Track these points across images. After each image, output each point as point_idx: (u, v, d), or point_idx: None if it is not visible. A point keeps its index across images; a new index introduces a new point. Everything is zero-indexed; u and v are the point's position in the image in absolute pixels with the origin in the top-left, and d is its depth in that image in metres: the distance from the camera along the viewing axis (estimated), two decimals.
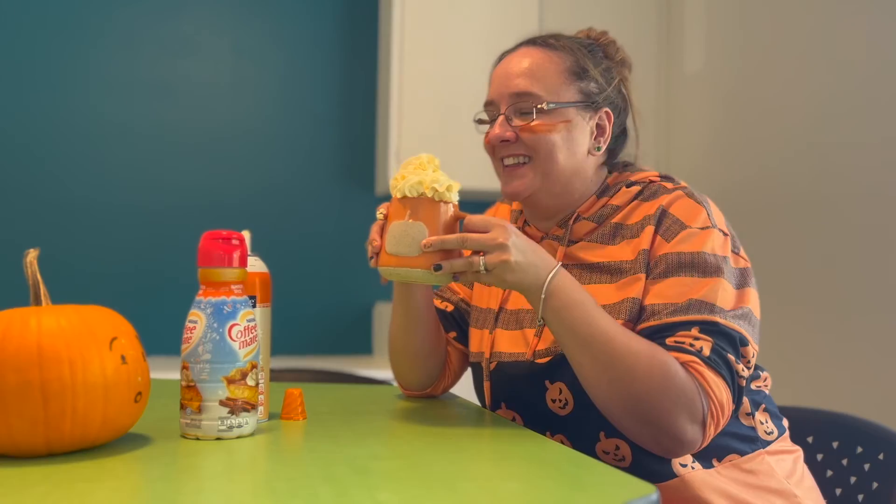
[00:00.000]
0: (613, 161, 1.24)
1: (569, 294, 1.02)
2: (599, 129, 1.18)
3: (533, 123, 1.13)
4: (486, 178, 3.00)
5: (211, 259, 0.93)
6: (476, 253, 0.99)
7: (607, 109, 1.18)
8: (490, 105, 1.19)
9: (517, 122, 1.14)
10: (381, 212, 1.06)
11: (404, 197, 1.02)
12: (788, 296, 2.38)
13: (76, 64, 2.95)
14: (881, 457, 1.21)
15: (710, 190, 2.67)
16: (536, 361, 1.13)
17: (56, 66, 2.94)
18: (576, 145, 1.15)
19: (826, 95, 2.31)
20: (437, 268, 0.98)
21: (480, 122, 1.22)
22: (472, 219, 1.01)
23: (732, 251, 1.09)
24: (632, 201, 1.15)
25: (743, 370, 1.03)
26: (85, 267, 2.92)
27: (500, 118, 1.16)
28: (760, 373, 1.18)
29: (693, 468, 1.06)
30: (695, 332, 1.02)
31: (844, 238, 2.21)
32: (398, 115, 2.91)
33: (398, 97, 2.90)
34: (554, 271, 1.02)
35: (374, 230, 1.06)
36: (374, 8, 3.20)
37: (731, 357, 1.01)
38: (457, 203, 1.04)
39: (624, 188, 1.16)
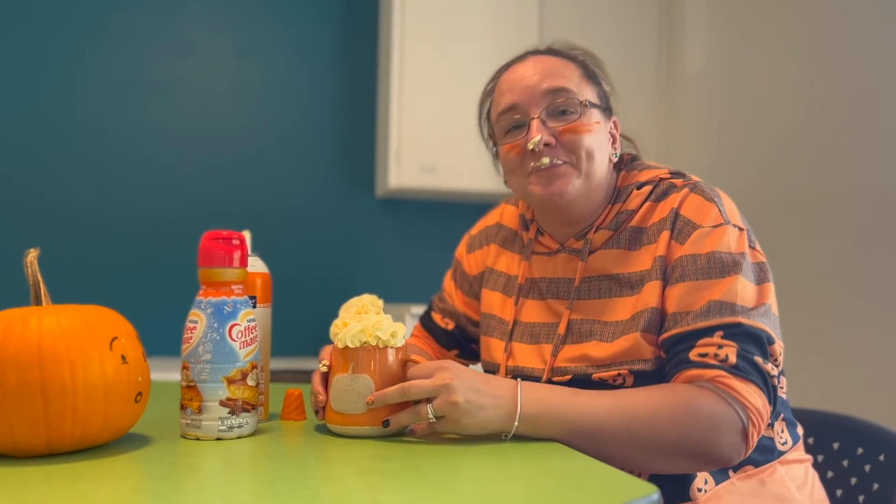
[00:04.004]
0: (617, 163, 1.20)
1: (544, 404, 0.93)
2: (611, 136, 1.16)
3: (575, 123, 1.08)
4: (486, 180, 3.01)
5: (211, 259, 0.93)
6: (425, 400, 0.93)
7: (615, 118, 1.17)
8: (511, 110, 1.11)
9: (552, 123, 1.08)
10: (324, 363, 1.00)
11: (346, 347, 0.96)
12: (788, 297, 2.38)
13: (76, 65, 2.95)
14: (882, 458, 1.21)
15: None
16: (553, 380, 1.09)
17: (56, 67, 2.94)
18: (604, 148, 1.12)
19: (826, 95, 2.31)
20: (386, 424, 0.94)
21: (491, 136, 1.17)
22: (414, 368, 0.95)
23: (749, 246, 1.06)
24: (644, 202, 1.11)
25: (772, 370, 0.99)
26: (85, 267, 2.92)
27: (535, 121, 1.08)
28: (780, 376, 1.12)
29: (707, 489, 1.03)
30: (717, 337, 0.98)
31: (844, 239, 2.21)
32: (398, 115, 2.91)
33: (398, 98, 2.90)
34: (520, 399, 0.93)
35: (317, 381, 1.00)
36: (374, 9, 3.20)
37: (759, 359, 0.98)
38: (403, 346, 0.98)
39: (635, 191, 1.12)
